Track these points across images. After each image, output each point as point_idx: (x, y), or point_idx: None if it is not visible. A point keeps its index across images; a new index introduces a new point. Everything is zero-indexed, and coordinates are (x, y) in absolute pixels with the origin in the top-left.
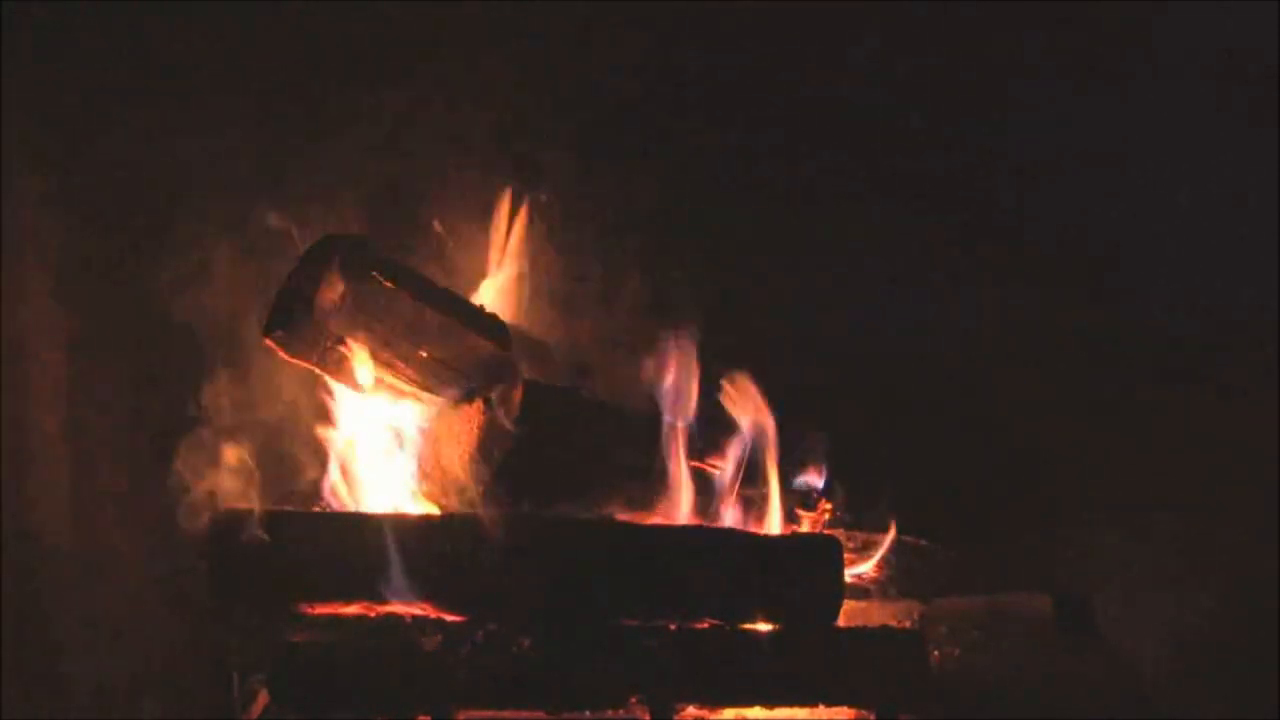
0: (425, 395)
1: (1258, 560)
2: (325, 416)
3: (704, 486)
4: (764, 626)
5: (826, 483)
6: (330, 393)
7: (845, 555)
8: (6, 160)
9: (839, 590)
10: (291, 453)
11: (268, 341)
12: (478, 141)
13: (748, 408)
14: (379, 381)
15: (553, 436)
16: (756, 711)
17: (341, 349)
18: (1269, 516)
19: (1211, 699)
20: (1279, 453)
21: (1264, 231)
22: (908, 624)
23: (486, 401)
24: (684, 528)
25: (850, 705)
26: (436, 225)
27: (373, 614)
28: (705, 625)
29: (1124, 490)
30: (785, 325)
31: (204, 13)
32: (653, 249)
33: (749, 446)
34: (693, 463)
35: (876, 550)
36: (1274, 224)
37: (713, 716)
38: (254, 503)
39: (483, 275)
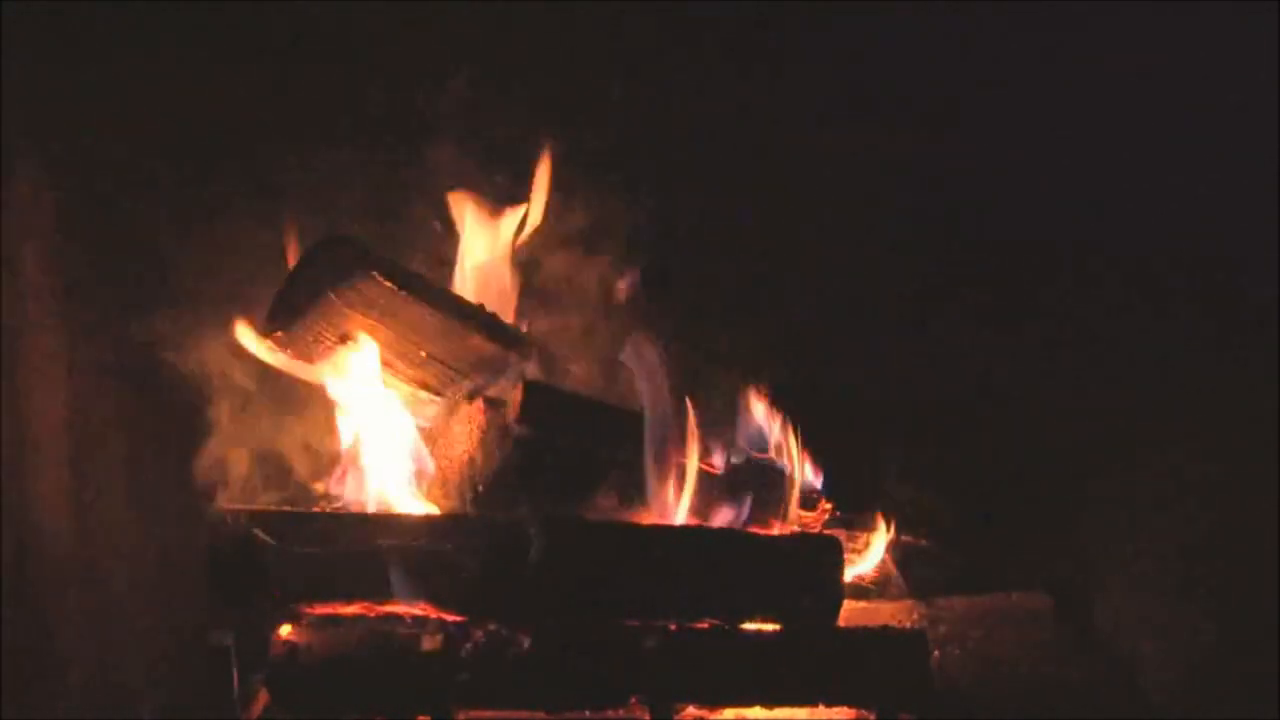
0: (425, 395)
1: (1258, 560)
2: (325, 416)
3: (704, 486)
4: (764, 626)
5: (826, 484)
6: (329, 393)
7: (845, 555)
8: (6, 160)
9: (839, 590)
10: (291, 453)
11: (267, 341)
12: (480, 141)
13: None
14: (379, 381)
15: (553, 436)
16: (756, 711)
17: (341, 349)
18: (1269, 516)
19: (1211, 699)
20: (1279, 452)
21: (1264, 231)
22: (908, 624)
23: (487, 401)
24: (684, 528)
25: (850, 705)
26: (436, 225)
27: (373, 614)
28: (705, 625)
29: (1124, 490)
30: (787, 326)
31: (202, 11)
32: (656, 251)
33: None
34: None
35: (876, 550)
36: (1274, 224)
37: (713, 716)
38: (254, 503)
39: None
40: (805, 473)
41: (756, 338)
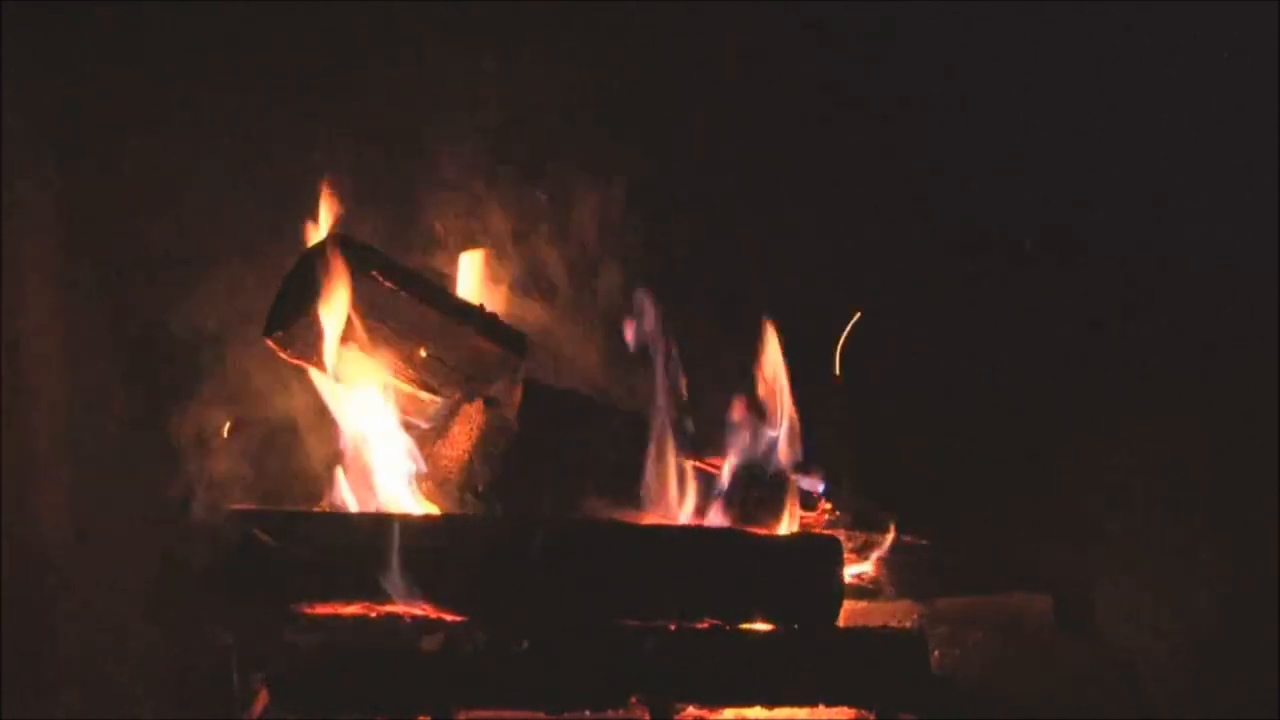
0: (425, 395)
1: (1258, 560)
2: (325, 417)
3: (704, 486)
4: (764, 626)
5: (827, 484)
6: (330, 393)
7: (845, 555)
8: (7, 160)
9: (839, 590)
10: (291, 453)
11: (268, 342)
12: (478, 140)
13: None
14: (378, 381)
15: (552, 436)
16: (756, 711)
17: (341, 349)
18: (1269, 516)
19: (1211, 699)
20: (1279, 452)
21: (1264, 231)
22: (908, 624)
23: (486, 401)
24: (684, 528)
25: (850, 705)
26: (436, 225)
27: (373, 614)
28: (705, 625)
29: (1124, 490)
30: (787, 326)
31: (202, 12)
32: (657, 244)
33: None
34: (692, 462)
35: (876, 550)
36: (1274, 223)
37: (713, 716)
38: (254, 503)
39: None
40: (807, 473)
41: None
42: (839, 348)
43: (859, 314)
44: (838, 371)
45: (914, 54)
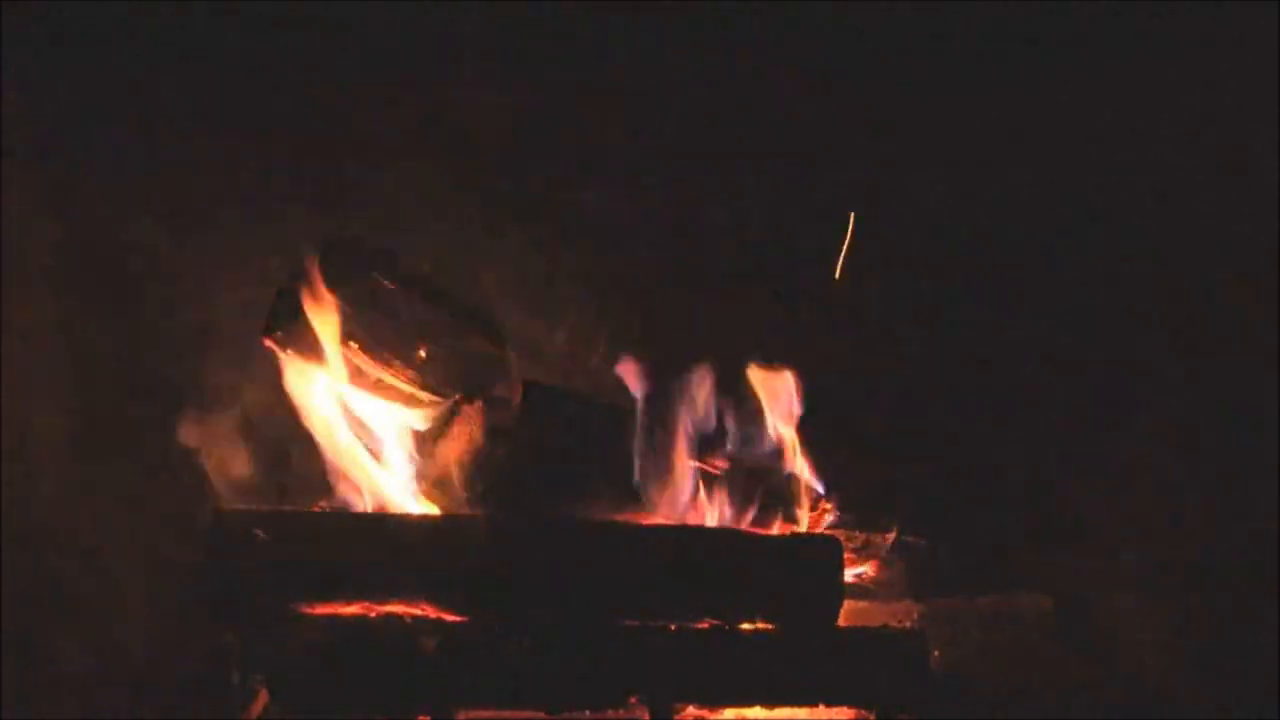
0: (425, 395)
1: (1257, 560)
2: (324, 416)
3: (705, 486)
4: (764, 626)
5: (827, 485)
6: (329, 393)
7: (845, 555)
8: (7, 162)
9: (839, 590)
10: (291, 453)
11: (266, 342)
12: (477, 142)
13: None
14: (378, 381)
15: (552, 436)
16: (756, 711)
17: (341, 349)
18: (1269, 515)
19: (1211, 699)
20: (1279, 452)
21: (1264, 232)
22: (908, 624)
23: (486, 401)
24: (684, 528)
25: (850, 705)
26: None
27: (373, 614)
28: (705, 625)
29: (1124, 490)
30: (789, 328)
31: (202, 14)
32: (650, 244)
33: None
34: (692, 462)
35: (876, 550)
36: (1274, 224)
37: (713, 716)
38: (254, 503)
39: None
40: (807, 473)
41: (757, 338)
42: (843, 252)
43: (854, 217)
44: (838, 276)
45: (913, 51)
